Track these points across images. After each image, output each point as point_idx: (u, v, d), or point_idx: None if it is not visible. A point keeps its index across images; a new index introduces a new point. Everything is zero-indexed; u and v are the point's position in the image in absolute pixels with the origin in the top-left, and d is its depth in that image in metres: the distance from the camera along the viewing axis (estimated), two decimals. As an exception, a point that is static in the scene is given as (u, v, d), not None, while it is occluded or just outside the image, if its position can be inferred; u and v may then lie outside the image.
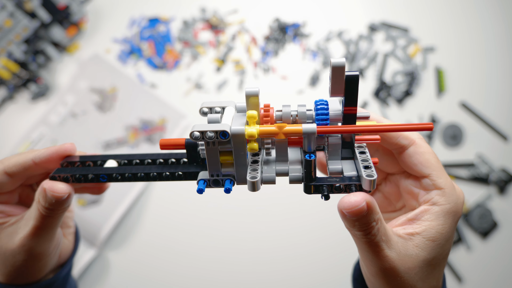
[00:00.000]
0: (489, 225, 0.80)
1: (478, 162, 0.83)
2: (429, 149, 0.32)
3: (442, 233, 0.31)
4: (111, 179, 0.33)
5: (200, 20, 0.94)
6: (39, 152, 0.35)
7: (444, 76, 0.88)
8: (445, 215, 0.31)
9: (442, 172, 0.32)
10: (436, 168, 0.31)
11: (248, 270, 0.80)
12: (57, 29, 0.89)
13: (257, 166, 0.30)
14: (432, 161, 0.32)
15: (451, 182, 0.32)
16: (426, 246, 0.30)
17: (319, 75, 0.89)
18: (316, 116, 0.30)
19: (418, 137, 0.32)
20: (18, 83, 0.88)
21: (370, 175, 0.28)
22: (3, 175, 0.35)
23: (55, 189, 0.33)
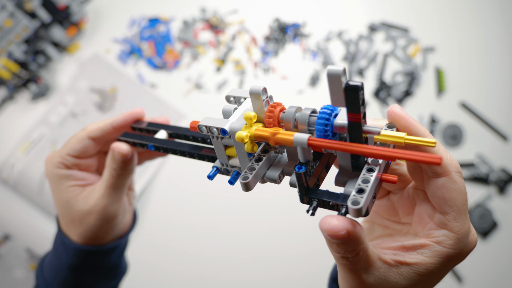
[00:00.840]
0: (489, 225, 0.80)
1: (478, 162, 0.83)
2: (460, 188, 0.27)
3: (433, 272, 0.28)
4: (157, 149, 0.39)
5: (200, 20, 0.94)
6: (116, 118, 0.41)
7: (444, 76, 0.88)
8: (445, 258, 0.28)
9: (463, 216, 0.28)
10: (459, 210, 0.28)
11: (248, 270, 0.80)
12: (57, 29, 0.89)
13: (257, 165, 0.30)
14: (458, 202, 0.28)
15: (468, 229, 0.29)
16: (410, 277, 0.28)
17: (319, 75, 0.89)
18: (315, 126, 0.27)
19: (455, 170, 0.27)
20: (18, 83, 0.88)
21: (356, 202, 0.24)
22: (87, 139, 0.41)
23: (120, 148, 0.39)
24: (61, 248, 0.43)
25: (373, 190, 0.26)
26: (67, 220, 0.42)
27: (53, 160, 0.41)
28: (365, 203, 0.24)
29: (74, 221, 0.42)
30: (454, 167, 0.27)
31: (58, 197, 0.42)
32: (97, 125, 0.41)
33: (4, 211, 0.84)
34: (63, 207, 0.42)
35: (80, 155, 0.41)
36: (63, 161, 0.41)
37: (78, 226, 0.42)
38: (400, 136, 0.26)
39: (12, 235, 0.83)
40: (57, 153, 0.41)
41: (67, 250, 0.43)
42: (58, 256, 0.44)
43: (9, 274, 0.81)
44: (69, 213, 0.42)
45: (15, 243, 0.82)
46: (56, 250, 0.44)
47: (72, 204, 0.41)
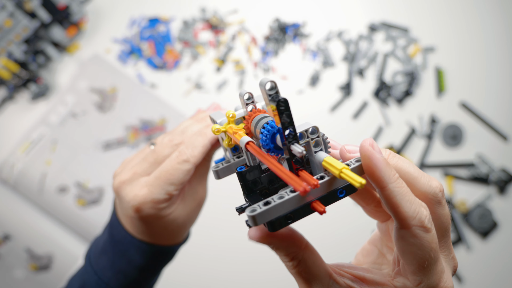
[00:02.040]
0: (489, 225, 0.80)
1: (478, 162, 0.83)
2: (422, 244, 0.25)
3: None
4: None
5: (200, 20, 0.94)
6: (209, 134, 0.39)
7: (444, 76, 0.88)
8: None
9: (425, 271, 0.26)
10: (418, 265, 0.25)
11: (248, 269, 0.80)
12: (57, 29, 0.88)
13: (233, 159, 0.33)
14: (417, 257, 0.25)
15: (433, 283, 0.26)
16: None
17: (319, 75, 0.89)
18: (260, 135, 0.27)
19: (417, 224, 0.25)
20: (18, 83, 0.88)
21: (253, 209, 0.24)
22: (191, 167, 0.38)
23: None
24: (133, 251, 0.41)
25: (283, 208, 0.25)
26: (161, 233, 0.40)
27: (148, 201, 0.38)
28: (262, 215, 0.24)
29: (161, 229, 0.40)
30: (416, 220, 0.24)
31: (151, 225, 0.39)
32: (198, 150, 0.38)
33: (4, 211, 0.84)
34: (166, 227, 0.40)
35: (181, 185, 0.39)
36: (162, 203, 0.38)
37: (163, 231, 0.40)
38: (338, 168, 0.25)
39: (12, 235, 0.83)
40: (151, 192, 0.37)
41: (143, 253, 0.41)
42: (127, 260, 0.41)
43: (9, 274, 0.81)
44: (160, 227, 0.40)
45: (15, 243, 0.82)
46: (123, 253, 0.41)
47: (170, 222, 0.40)
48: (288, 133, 0.25)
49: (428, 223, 0.25)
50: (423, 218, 0.25)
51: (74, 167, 0.85)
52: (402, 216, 0.25)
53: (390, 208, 0.25)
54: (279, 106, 0.25)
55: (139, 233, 0.40)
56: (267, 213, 0.24)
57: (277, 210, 0.25)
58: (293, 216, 0.26)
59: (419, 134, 0.86)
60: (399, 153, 0.84)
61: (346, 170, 0.24)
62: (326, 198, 0.26)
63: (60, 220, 0.83)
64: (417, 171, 0.27)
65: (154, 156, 0.39)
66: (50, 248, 0.82)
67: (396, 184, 0.24)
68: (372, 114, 0.88)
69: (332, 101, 0.89)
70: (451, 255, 0.28)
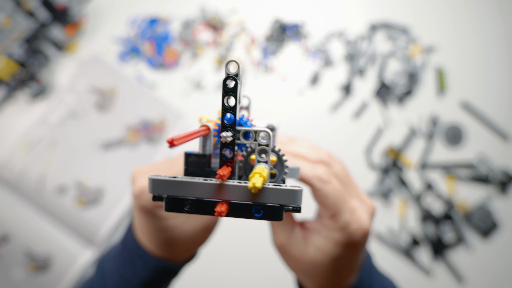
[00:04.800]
0: (489, 225, 0.79)
1: (478, 162, 0.83)
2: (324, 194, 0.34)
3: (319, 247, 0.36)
4: None
5: (200, 20, 0.94)
6: None
7: (444, 76, 0.88)
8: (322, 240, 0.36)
9: (331, 218, 0.34)
10: (326, 210, 0.35)
11: (248, 269, 0.80)
12: (56, 29, 0.88)
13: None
14: (323, 204, 0.34)
15: (340, 225, 0.34)
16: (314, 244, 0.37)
17: (319, 75, 0.89)
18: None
19: (316, 181, 0.34)
20: (18, 83, 0.88)
21: (157, 176, 0.24)
22: None
23: None
24: (139, 262, 0.40)
25: (187, 191, 0.24)
26: (162, 241, 0.38)
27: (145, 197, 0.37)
28: (159, 183, 0.24)
29: (175, 241, 0.38)
30: (314, 178, 0.34)
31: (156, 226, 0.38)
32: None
33: (4, 211, 0.84)
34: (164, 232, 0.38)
35: None
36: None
37: (164, 239, 0.38)
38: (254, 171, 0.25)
39: (12, 235, 0.82)
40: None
41: (148, 266, 0.40)
42: (132, 270, 0.40)
43: (8, 274, 0.81)
44: (160, 232, 0.38)
45: (15, 243, 0.82)
46: (130, 262, 0.40)
47: (170, 228, 0.37)
48: (226, 118, 0.24)
49: (325, 176, 0.34)
50: (319, 174, 0.34)
51: (74, 167, 0.85)
52: (305, 180, 0.34)
53: (300, 178, 0.34)
54: (225, 84, 0.23)
55: (143, 237, 0.39)
56: (167, 185, 0.23)
57: (180, 189, 0.23)
58: (191, 204, 0.24)
59: (419, 134, 0.86)
60: (399, 153, 0.84)
61: (258, 177, 0.23)
62: (238, 208, 0.24)
63: (59, 220, 0.83)
64: (306, 149, 0.36)
65: (178, 157, 0.38)
66: (49, 249, 0.82)
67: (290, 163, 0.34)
68: (372, 114, 0.87)
69: (332, 101, 0.88)
70: (361, 199, 0.36)
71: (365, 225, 0.34)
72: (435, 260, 0.80)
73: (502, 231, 0.80)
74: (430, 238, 0.81)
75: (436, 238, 0.80)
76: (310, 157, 0.35)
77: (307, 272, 0.37)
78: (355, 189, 0.36)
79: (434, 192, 0.82)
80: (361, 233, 0.34)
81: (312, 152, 0.36)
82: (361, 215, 0.34)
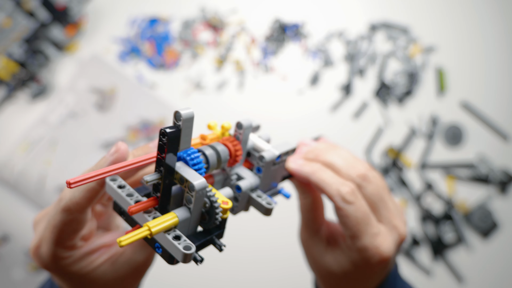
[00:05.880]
0: (489, 225, 0.79)
1: (478, 162, 0.83)
2: (346, 214, 0.32)
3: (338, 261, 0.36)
4: None
5: (200, 20, 0.94)
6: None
7: (444, 76, 0.88)
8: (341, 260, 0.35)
9: (353, 238, 0.33)
10: (349, 231, 0.33)
11: (248, 269, 0.80)
12: (56, 29, 0.88)
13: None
14: (346, 225, 0.33)
15: (360, 247, 0.33)
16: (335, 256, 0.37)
17: (319, 75, 0.89)
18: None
19: (338, 200, 0.32)
20: (18, 83, 0.88)
21: (113, 179, 0.27)
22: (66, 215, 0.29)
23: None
24: None
25: (123, 202, 0.27)
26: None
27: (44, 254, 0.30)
28: (110, 188, 0.27)
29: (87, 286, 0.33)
30: (338, 196, 0.32)
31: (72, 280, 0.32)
32: (79, 193, 0.28)
33: (4, 211, 0.84)
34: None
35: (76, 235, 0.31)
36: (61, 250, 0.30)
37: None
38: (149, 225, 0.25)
39: (12, 235, 0.82)
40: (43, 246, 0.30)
41: None
42: None
43: (8, 274, 0.81)
44: (84, 284, 0.32)
45: (15, 243, 0.82)
46: None
47: (93, 280, 0.32)
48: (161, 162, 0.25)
49: (349, 197, 0.32)
50: (343, 193, 0.32)
51: (74, 167, 0.85)
52: (328, 195, 0.33)
53: (320, 192, 0.33)
54: (161, 137, 0.24)
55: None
56: (111, 191, 0.27)
57: (118, 199, 0.27)
58: (125, 214, 0.27)
59: (419, 134, 0.86)
60: (400, 153, 0.84)
61: (146, 230, 0.24)
62: (147, 238, 0.26)
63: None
64: (342, 162, 0.34)
65: (61, 193, 0.30)
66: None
67: (315, 175, 0.33)
68: (372, 114, 0.87)
69: (332, 101, 0.89)
70: (391, 224, 0.34)
71: (385, 252, 0.33)
72: (435, 260, 0.80)
73: (502, 231, 0.80)
74: (430, 238, 0.81)
75: (436, 238, 0.80)
76: (341, 171, 0.34)
77: (321, 274, 0.37)
78: (388, 214, 0.34)
79: (434, 192, 0.82)
80: (378, 260, 0.33)
81: (346, 167, 0.34)
82: (382, 241, 0.33)
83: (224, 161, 0.29)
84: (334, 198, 0.32)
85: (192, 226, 0.27)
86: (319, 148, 0.36)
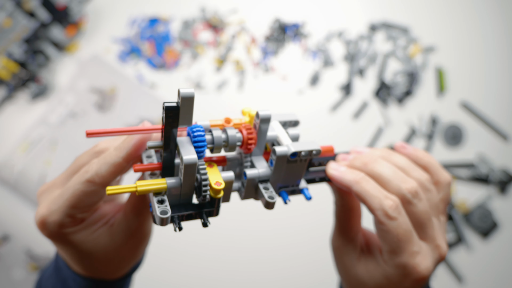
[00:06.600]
0: (489, 225, 0.79)
1: (478, 162, 0.83)
2: (389, 229, 0.31)
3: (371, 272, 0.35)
4: None
5: (200, 20, 0.94)
6: (128, 148, 0.30)
7: (444, 76, 0.88)
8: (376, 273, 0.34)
9: (391, 253, 0.32)
10: (388, 246, 0.32)
11: (248, 269, 0.80)
12: (56, 29, 0.88)
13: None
14: (386, 240, 0.31)
15: (401, 263, 0.31)
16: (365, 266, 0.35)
17: (319, 75, 0.89)
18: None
19: (381, 214, 0.31)
20: (18, 83, 0.88)
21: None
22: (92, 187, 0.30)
23: None
24: (71, 283, 0.36)
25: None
26: (85, 264, 0.34)
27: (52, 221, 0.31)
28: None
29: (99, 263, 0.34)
30: (380, 210, 0.31)
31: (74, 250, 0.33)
32: (106, 168, 0.29)
33: (4, 211, 0.84)
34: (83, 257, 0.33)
35: (88, 209, 0.32)
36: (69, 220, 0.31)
37: (88, 261, 0.34)
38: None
39: (12, 235, 0.82)
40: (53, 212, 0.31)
41: (78, 285, 0.36)
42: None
43: (8, 274, 0.81)
44: (82, 256, 0.33)
45: (15, 243, 0.82)
46: (63, 282, 0.37)
47: (91, 251, 0.33)
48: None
49: (392, 212, 0.30)
50: (386, 208, 0.30)
51: (74, 167, 0.85)
52: (370, 208, 0.31)
53: (362, 203, 0.32)
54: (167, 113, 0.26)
55: (68, 260, 0.35)
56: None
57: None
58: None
59: (419, 134, 0.86)
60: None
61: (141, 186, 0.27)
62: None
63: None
64: (391, 174, 0.32)
65: (73, 165, 0.32)
66: (49, 249, 0.82)
67: (358, 185, 0.32)
68: (372, 114, 0.88)
69: (332, 101, 0.89)
70: (434, 243, 0.33)
71: (423, 272, 0.31)
72: (435, 260, 0.80)
73: (502, 231, 0.80)
74: (430, 238, 0.81)
75: (436, 238, 0.80)
76: (389, 184, 0.32)
77: (350, 284, 0.36)
78: (433, 232, 0.33)
79: (434, 192, 0.82)
80: (415, 279, 0.32)
81: (397, 179, 0.32)
82: (422, 261, 0.31)
83: (232, 145, 0.30)
84: (376, 211, 0.31)
85: (184, 197, 0.29)
86: (370, 155, 0.34)
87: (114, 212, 0.34)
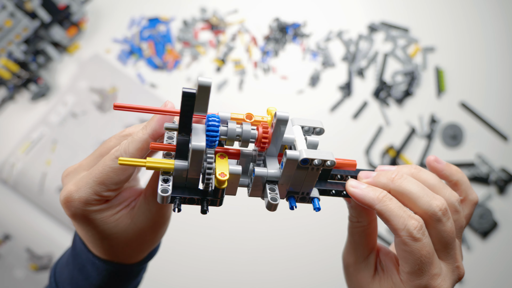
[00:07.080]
0: (489, 225, 0.80)
1: (478, 162, 0.83)
2: (412, 251, 0.30)
3: None
4: None
5: (200, 20, 0.94)
6: (153, 126, 0.32)
7: (444, 76, 0.88)
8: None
9: (413, 275, 0.31)
10: (410, 268, 0.31)
11: (248, 270, 0.80)
12: (57, 29, 0.88)
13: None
14: (408, 261, 0.31)
15: (422, 286, 0.31)
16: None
17: (319, 75, 0.89)
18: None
19: (406, 234, 0.30)
20: (18, 83, 0.88)
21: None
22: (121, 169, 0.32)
23: None
24: (89, 268, 0.37)
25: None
26: (105, 246, 0.35)
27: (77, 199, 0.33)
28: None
29: (118, 245, 0.35)
30: (405, 231, 0.30)
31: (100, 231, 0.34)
32: (134, 145, 0.32)
33: (4, 211, 0.84)
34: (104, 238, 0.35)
35: (118, 187, 0.33)
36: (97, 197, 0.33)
37: (107, 243, 0.35)
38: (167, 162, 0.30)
39: (12, 235, 0.82)
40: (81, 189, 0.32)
41: (99, 271, 0.37)
42: (84, 277, 0.38)
43: (9, 274, 0.81)
44: (101, 236, 0.35)
45: (15, 243, 0.82)
46: (81, 268, 0.38)
47: (112, 232, 0.34)
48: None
49: (417, 234, 0.30)
50: (411, 229, 0.30)
51: (74, 167, 0.85)
52: (393, 228, 0.30)
53: (383, 221, 0.31)
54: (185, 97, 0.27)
55: (88, 242, 0.36)
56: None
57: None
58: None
59: (419, 134, 0.86)
60: (399, 153, 0.84)
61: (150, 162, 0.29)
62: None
63: (60, 220, 0.83)
64: (420, 191, 0.31)
65: (101, 148, 0.34)
66: (50, 248, 0.82)
67: (381, 204, 0.31)
68: (372, 114, 0.88)
69: (332, 101, 0.89)
70: (455, 265, 0.32)
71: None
72: (435, 260, 0.80)
73: (501, 231, 0.81)
74: (430, 238, 0.81)
75: (436, 238, 0.80)
76: (418, 201, 0.31)
77: None
78: (454, 254, 0.32)
79: (434, 192, 0.83)
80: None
81: (426, 196, 0.31)
82: (442, 283, 0.31)
83: (245, 140, 0.31)
84: (399, 232, 0.30)
85: (190, 181, 0.30)
86: (397, 171, 0.33)
87: (135, 196, 0.36)
